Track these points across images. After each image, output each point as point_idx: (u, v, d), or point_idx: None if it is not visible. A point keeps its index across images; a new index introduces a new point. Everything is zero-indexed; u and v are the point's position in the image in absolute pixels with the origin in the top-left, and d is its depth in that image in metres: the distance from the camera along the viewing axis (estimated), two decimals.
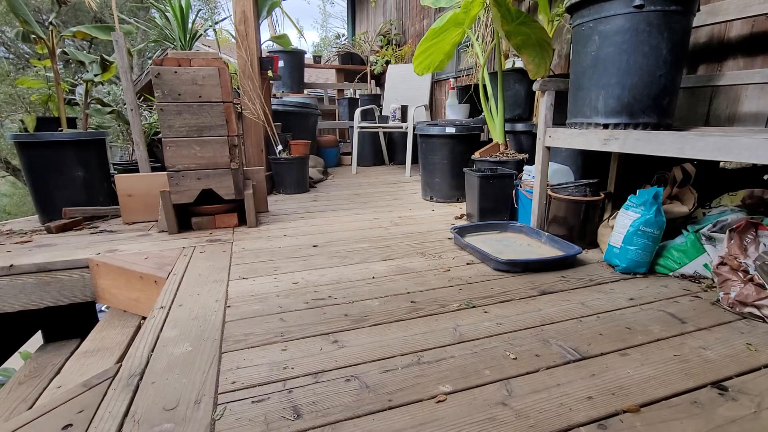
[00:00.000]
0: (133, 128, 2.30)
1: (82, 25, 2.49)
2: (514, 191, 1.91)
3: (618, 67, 1.29)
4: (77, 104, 2.79)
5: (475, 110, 3.17)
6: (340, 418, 0.72)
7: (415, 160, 3.61)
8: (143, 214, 2.10)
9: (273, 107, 3.28)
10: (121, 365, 0.89)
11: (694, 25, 1.34)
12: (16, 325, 1.82)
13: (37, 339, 1.84)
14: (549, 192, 1.63)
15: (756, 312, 1.04)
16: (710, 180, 1.60)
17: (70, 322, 1.78)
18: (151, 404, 0.76)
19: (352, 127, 3.66)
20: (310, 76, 6.15)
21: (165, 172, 1.85)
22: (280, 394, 0.78)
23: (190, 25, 2.99)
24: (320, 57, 6.19)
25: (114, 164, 2.80)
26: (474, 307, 1.13)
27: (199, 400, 0.77)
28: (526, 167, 1.90)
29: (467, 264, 1.46)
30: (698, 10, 1.32)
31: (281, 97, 4.51)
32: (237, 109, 2.50)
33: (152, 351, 0.94)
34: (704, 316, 1.06)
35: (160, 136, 1.95)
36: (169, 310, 1.14)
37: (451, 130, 2.38)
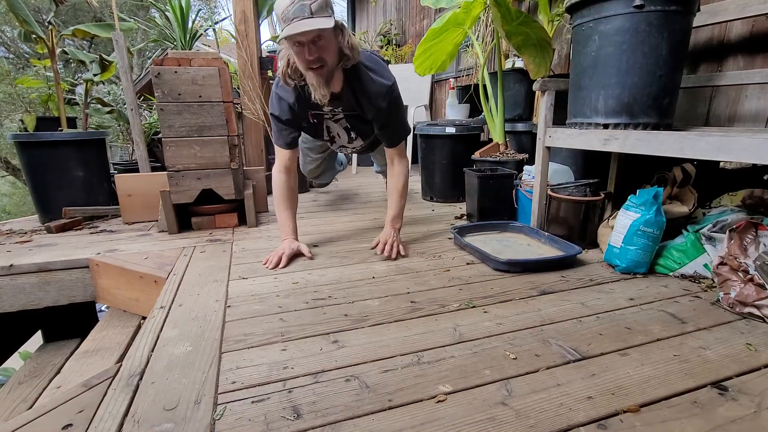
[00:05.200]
0: (133, 128, 2.30)
1: (82, 24, 2.49)
2: (514, 191, 1.91)
3: (618, 67, 1.29)
4: (77, 104, 2.80)
5: (475, 110, 3.17)
6: (340, 418, 0.72)
7: (415, 160, 3.61)
8: (143, 214, 2.10)
9: None
10: (121, 365, 0.89)
11: (694, 25, 1.34)
12: (16, 325, 1.82)
13: (37, 339, 1.84)
14: (549, 192, 1.63)
15: (756, 312, 1.04)
16: (710, 180, 1.60)
17: (70, 322, 1.78)
18: (151, 404, 0.76)
19: None
20: None
21: (165, 172, 1.85)
22: (280, 394, 0.78)
23: (190, 25, 2.99)
24: None
25: (114, 164, 2.80)
26: (474, 307, 1.13)
27: (199, 400, 0.77)
28: (526, 167, 1.90)
29: (467, 264, 1.46)
30: (698, 10, 1.32)
31: None
32: (237, 109, 2.50)
33: (152, 351, 0.94)
34: (704, 316, 1.06)
35: (160, 136, 1.95)
36: (169, 310, 1.14)
37: (451, 130, 2.38)
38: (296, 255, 1.53)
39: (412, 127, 3.42)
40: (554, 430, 0.68)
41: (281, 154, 1.59)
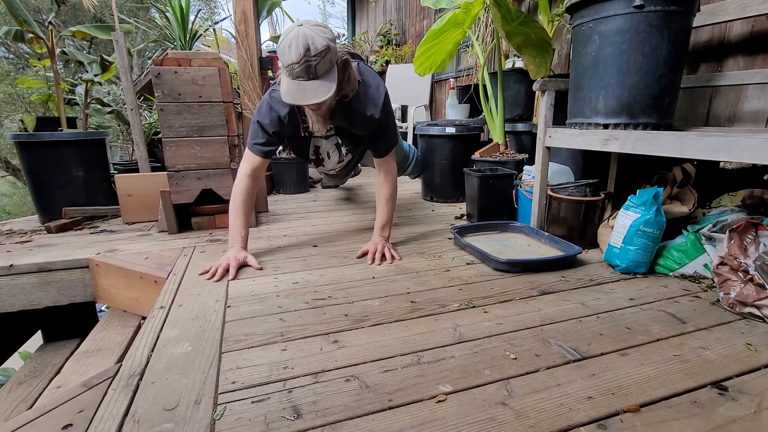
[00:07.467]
0: (133, 128, 2.30)
1: (82, 25, 2.50)
2: (514, 191, 1.91)
3: (618, 68, 1.29)
4: (77, 104, 2.80)
5: (475, 110, 3.17)
6: (340, 418, 0.72)
7: None
8: (143, 214, 2.10)
9: None
10: (121, 365, 0.90)
11: (694, 25, 1.34)
12: (16, 325, 1.82)
13: (37, 339, 1.84)
14: (549, 192, 1.63)
15: (756, 312, 1.04)
16: (710, 180, 1.60)
17: (70, 322, 1.78)
18: (151, 404, 0.76)
19: None
20: None
21: (165, 172, 1.85)
22: (280, 394, 0.78)
23: (190, 25, 2.99)
24: None
25: (114, 164, 2.80)
26: (474, 307, 1.13)
27: (199, 400, 0.77)
28: (526, 167, 1.90)
29: (467, 264, 1.46)
30: (698, 10, 1.32)
31: None
32: (237, 109, 2.50)
33: (152, 351, 0.94)
34: (704, 316, 1.06)
35: (160, 136, 1.95)
36: (169, 310, 1.14)
37: (451, 130, 2.38)
38: (243, 266, 1.43)
39: (412, 126, 3.42)
40: (554, 430, 0.68)
41: (253, 160, 1.49)
